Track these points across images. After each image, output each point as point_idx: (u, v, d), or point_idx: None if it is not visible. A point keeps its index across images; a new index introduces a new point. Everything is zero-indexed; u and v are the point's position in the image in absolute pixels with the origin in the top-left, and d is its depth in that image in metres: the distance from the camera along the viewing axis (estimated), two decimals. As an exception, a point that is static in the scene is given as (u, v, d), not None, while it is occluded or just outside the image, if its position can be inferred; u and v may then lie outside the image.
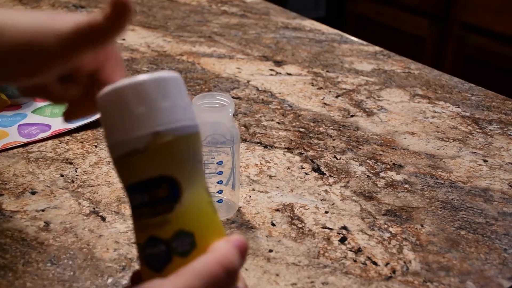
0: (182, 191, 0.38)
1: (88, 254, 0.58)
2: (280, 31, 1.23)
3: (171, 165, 0.37)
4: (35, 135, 0.79)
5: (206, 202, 0.39)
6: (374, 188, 0.70)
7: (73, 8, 1.31)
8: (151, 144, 0.37)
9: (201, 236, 0.38)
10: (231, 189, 0.63)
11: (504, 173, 0.74)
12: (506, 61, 1.97)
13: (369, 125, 0.85)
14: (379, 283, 0.55)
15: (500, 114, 0.90)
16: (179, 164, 0.38)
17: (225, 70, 1.03)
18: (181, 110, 0.38)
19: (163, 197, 0.37)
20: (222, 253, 0.36)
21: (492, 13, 1.99)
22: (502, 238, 0.62)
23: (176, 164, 0.38)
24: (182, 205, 0.37)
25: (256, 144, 0.79)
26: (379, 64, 1.08)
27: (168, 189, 0.37)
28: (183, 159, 0.38)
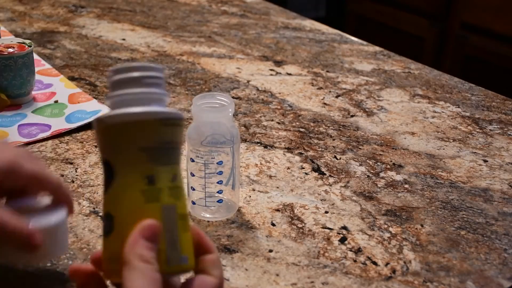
0: (115, 175, 0.40)
1: (88, 254, 0.58)
2: (280, 31, 1.23)
3: (108, 149, 0.41)
4: (35, 135, 0.79)
5: (139, 190, 0.40)
6: (374, 188, 0.70)
7: (73, 8, 1.31)
8: (96, 129, 0.41)
9: (121, 221, 0.40)
10: (231, 189, 0.63)
11: (504, 173, 0.74)
12: (506, 61, 1.97)
13: (369, 125, 0.85)
14: (379, 283, 0.55)
15: (500, 114, 0.90)
16: (114, 150, 0.41)
17: (225, 70, 1.03)
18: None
19: (105, 178, 0.41)
20: (129, 242, 0.39)
21: (492, 13, 1.99)
22: (502, 238, 0.62)
23: (112, 150, 0.41)
24: (112, 188, 0.41)
25: (256, 144, 0.79)
26: (379, 64, 1.08)
27: (107, 172, 0.41)
28: (118, 145, 0.40)
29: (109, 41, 1.13)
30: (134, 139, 0.40)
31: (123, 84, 0.41)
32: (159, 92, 0.42)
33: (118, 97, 0.41)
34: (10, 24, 1.19)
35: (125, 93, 0.41)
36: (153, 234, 0.39)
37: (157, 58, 1.06)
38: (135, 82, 0.41)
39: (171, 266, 0.40)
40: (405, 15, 2.31)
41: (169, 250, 0.40)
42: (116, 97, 0.41)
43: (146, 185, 0.40)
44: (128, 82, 0.41)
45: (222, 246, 0.59)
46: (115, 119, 0.40)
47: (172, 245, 0.40)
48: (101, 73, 0.99)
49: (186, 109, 0.88)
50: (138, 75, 0.42)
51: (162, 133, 0.41)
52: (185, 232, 0.42)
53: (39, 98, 0.89)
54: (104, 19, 1.25)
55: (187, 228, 0.42)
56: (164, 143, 0.41)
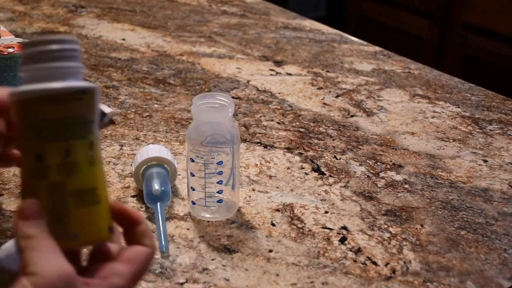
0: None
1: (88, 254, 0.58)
2: (280, 31, 1.23)
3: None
4: (35, 135, 0.79)
5: (28, 168, 0.41)
6: (374, 188, 0.70)
7: (73, 8, 1.31)
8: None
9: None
10: (231, 189, 0.63)
11: (504, 173, 0.74)
12: (506, 61, 1.97)
13: (369, 125, 0.85)
14: (379, 283, 0.55)
15: (500, 114, 0.90)
16: (17, 128, 0.42)
17: (225, 70, 1.03)
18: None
19: None
20: (13, 227, 0.40)
21: (492, 13, 1.99)
22: (502, 238, 0.62)
23: (16, 128, 0.42)
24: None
25: (256, 144, 0.79)
26: (379, 64, 1.08)
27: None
28: (17, 123, 0.41)
29: (109, 41, 1.13)
30: (24, 117, 0.41)
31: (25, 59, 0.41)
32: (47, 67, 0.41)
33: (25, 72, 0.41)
34: (10, 24, 1.19)
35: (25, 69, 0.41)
36: (32, 213, 0.40)
37: (157, 58, 1.06)
38: (33, 57, 0.41)
39: (58, 242, 0.40)
40: (405, 15, 2.31)
41: (53, 226, 0.40)
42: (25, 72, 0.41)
43: (35, 163, 0.40)
44: (27, 57, 0.41)
45: (222, 246, 0.59)
46: (12, 97, 0.41)
47: (58, 222, 0.40)
48: (101, 73, 0.99)
49: (186, 109, 0.88)
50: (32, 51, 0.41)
51: (47, 110, 0.40)
52: (81, 207, 0.41)
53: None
54: (104, 19, 1.25)
55: (87, 203, 0.41)
56: (51, 120, 0.40)
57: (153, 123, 0.84)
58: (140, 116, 0.86)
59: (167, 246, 0.58)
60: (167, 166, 0.67)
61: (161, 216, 0.61)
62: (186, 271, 0.56)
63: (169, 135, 0.81)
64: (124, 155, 0.76)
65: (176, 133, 0.82)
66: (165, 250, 0.58)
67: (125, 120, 0.85)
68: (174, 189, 0.68)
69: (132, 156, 0.75)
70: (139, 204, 0.66)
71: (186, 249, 0.59)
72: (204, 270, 0.56)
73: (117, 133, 0.81)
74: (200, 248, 0.59)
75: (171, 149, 0.77)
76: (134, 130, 0.82)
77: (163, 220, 0.60)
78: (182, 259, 0.57)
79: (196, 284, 0.54)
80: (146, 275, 0.55)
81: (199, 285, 0.54)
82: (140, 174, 0.66)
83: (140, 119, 0.85)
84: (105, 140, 0.79)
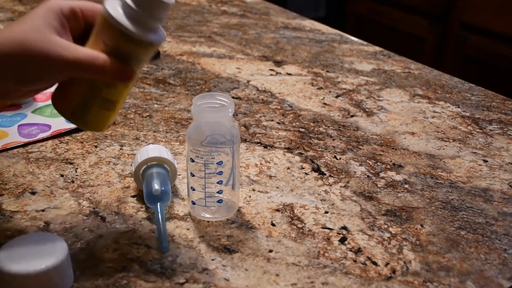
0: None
1: (88, 255, 0.58)
2: (280, 31, 1.23)
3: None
4: (35, 135, 0.79)
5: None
6: (374, 188, 0.70)
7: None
8: None
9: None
10: (231, 189, 0.63)
11: (504, 173, 0.74)
12: (506, 61, 1.97)
13: (369, 125, 0.85)
14: (379, 283, 0.55)
15: (500, 114, 0.90)
16: None
17: (225, 70, 1.03)
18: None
19: None
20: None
21: (492, 13, 1.99)
22: (502, 238, 0.62)
23: None
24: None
25: (256, 144, 0.80)
26: (379, 64, 1.08)
27: None
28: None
29: (109, 41, 1.13)
30: (104, 32, 0.53)
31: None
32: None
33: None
34: (10, 24, 1.19)
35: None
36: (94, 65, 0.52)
37: (157, 58, 1.06)
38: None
39: (73, 119, 0.55)
40: (405, 15, 2.31)
41: (78, 109, 0.54)
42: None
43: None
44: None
45: (222, 246, 0.59)
46: (105, 17, 0.52)
47: (83, 109, 0.54)
48: (101, 73, 0.99)
49: (186, 109, 0.88)
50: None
51: (121, 40, 0.52)
52: (102, 109, 0.55)
53: (39, 98, 0.89)
54: (104, 19, 1.25)
55: (106, 108, 0.55)
56: (118, 47, 0.53)
57: (153, 123, 0.84)
58: (140, 116, 0.86)
59: (167, 246, 0.58)
60: (167, 166, 0.67)
61: (161, 216, 0.61)
62: (186, 271, 0.56)
63: (169, 135, 0.81)
64: (124, 155, 0.76)
65: (176, 133, 0.82)
66: (165, 250, 0.58)
67: (125, 120, 0.85)
68: (174, 189, 0.68)
69: (132, 156, 0.75)
70: (139, 204, 0.66)
71: (186, 249, 0.59)
72: (204, 270, 0.56)
73: (117, 133, 0.81)
74: (200, 248, 0.59)
75: (171, 149, 0.77)
76: (134, 130, 0.82)
77: (163, 220, 0.60)
78: (182, 259, 0.57)
79: (196, 284, 0.54)
80: (146, 275, 0.55)
81: (199, 285, 0.54)
82: (140, 174, 0.66)
83: (140, 119, 0.85)
84: (105, 140, 0.79)
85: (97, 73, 0.52)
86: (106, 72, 0.52)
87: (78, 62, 0.51)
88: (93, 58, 0.51)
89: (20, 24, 0.51)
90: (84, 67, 0.51)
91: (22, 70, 0.51)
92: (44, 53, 0.50)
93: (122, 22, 0.51)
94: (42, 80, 0.52)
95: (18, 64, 0.50)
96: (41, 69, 0.51)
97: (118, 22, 0.51)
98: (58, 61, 0.50)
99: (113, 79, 0.53)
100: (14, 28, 0.51)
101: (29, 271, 0.49)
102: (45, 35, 0.50)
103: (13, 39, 0.50)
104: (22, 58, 0.50)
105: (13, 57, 0.50)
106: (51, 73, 0.52)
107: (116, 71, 0.52)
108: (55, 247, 0.52)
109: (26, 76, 0.51)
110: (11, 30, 0.51)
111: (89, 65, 0.51)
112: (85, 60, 0.51)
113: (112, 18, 0.51)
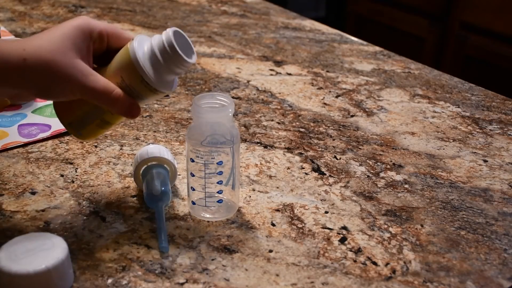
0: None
1: (88, 255, 0.58)
2: (280, 31, 1.23)
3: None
4: (35, 135, 0.79)
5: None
6: (374, 188, 0.70)
7: (73, 8, 1.31)
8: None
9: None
10: (231, 189, 0.63)
11: (504, 173, 0.74)
12: (506, 61, 1.97)
13: (369, 125, 0.85)
14: (379, 283, 0.55)
15: (500, 114, 0.90)
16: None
17: (225, 70, 1.03)
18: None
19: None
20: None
21: (492, 13, 1.99)
22: (502, 238, 0.62)
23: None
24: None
25: (256, 144, 0.80)
26: (379, 64, 1.08)
27: None
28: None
29: (109, 41, 1.13)
30: (122, 68, 0.56)
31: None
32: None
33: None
34: (10, 24, 1.19)
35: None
36: (105, 95, 0.56)
37: (157, 58, 1.06)
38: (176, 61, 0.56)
39: (69, 127, 0.60)
40: (405, 15, 2.31)
41: (76, 121, 0.60)
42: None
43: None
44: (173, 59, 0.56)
45: (222, 246, 0.59)
46: (131, 57, 0.56)
47: (81, 122, 0.60)
48: (101, 73, 0.99)
49: (186, 109, 0.88)
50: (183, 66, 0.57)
51: (136, 79, 0.56)
52: (97, 127, 0.60)
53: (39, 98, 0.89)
54: (104, 19, 1.25)
55: (102, 127, 0.61)
56: (132, 86, 0.57)
57: (153, 123, 0.84)
58: (140, 116, 0.86)
59: (167, 246, 0.58)
60: (167, 166, 0.67)
61: (161, 216, 0.61)
62: (186, 271, 0.56)
63: (169, 135, 0.81)
64: (124, 155, 0.76)
65: (176, 133, 0.82)
66: (165, 250, 0.58)
67: (125, 120, 0.85)
68: (174, 189, 0.68)
69: (132, 156, 0.75)
70: (139, 204, 0.66)
71: (186, 249, 0.59)
72: (204, 270, 0.56)
73: (117, 133, 0.81)
74: (200, 248, 0.59)
75: (171, 149, 0.77)
76: (134, 130, 0.82)
77: (163, 220, 0.60)
78: (182, 259, 0.57)
79: (196, 284, 0.54)
80: (146, 275, 0.55)
81: (199, 285, 0.54)
82: (140, 174, 0.66)
83: (140, 119, 0.85)
84: (105, 140, 0.79)
85: (108, 105, 0.56)
86: (117, 106, 0.56)
87: (95, 92, 0.55)
88: (109, 91, 0.55)
89: (50, 42, 0.54)
90: (99, 96, 0.55)
91: (43, 85, 0.54)
92: (67, 77, 0.54)
93: (146, 71, 0.55)
94: (58, 97, 0.57)
95: (41, 80, 0.54)
96: (60, 88, 0.55)
97: (142, 70, 0.55)
98: (77, 86, 0.54)
99: (121, 113, 0.57)
100: (44, 44, 0.54)
101: (29, 271, 0.49)
102: (70, 60, 0.54)
103: (40, 56, 0.53)
104: (46, 76, 0.54)
105: (38, 73, 0.53)
106: (68, 94, 0.55)
107: (126, 107, 0.57)
108: (55, 247, 0.52)
109: (45, 90, 0.55)
110: (39, 45, 0.54)
111: (104, 96, 0.55)
112: (102, 91, 0.55)
113: (137, 63, 0.55)
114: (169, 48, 0.55)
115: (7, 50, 0.53)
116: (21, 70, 0.53)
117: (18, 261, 0.50)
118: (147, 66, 0.55)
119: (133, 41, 0.56)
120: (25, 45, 0.53)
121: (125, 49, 0.56)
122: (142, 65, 0.55)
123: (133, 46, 0.56)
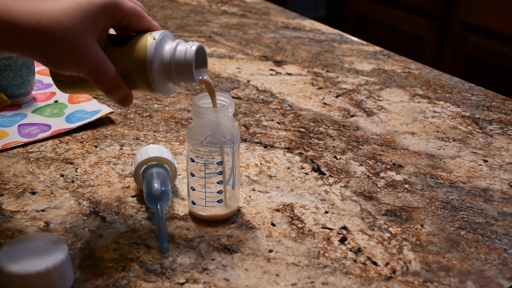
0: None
1: (88, 255, 0.58)
2: (280, 31, 1.23)
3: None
4: (35, 135, 0.79)
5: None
6: (374, 188, 0.70)
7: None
8: None
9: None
10: (231, 189, 0.63)
11: (504, 173, 0.74)
12: (506, 61, 1.97)
13: (369, 125, 0.85)
14: (379, 283, 0.55)
15: (500, 114, 0.90)
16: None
17: (225, 70, 1.03)
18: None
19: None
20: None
21: (492, 13, 1.99)
22: (502, 238, 0.62)
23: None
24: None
25: (256, 144, 0.80)
26: (379, 64, 1.08)
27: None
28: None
29: (109, 41, 1.13)
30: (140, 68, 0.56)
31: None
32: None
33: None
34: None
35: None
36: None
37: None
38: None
39: (57, 83, 0.59)
40: (405, 15, 2.31)
41: (69, 82, 0.58)
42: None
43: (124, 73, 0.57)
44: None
45: (222, 246, 0.59)
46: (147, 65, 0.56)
47: (72, 83, 0.58)
48: (101, 73, 0.99)
49: (186, 109, 0.88)
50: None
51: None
52: (82, 91, 0.60)
53: (39, 98, 0.89)
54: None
55: (87, 92, 0.61)
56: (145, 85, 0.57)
57: (153, 123, 0.84)
58: (140, 116, 0.86)
59: (167, 246, 0.58)
60: (167, 166, 0.67)
61: (161, 216, 0.61)
62: (186, 271, 0.56)
63: (169, 135, 0.81)
64: (124, 155, 0.76)
65: (176, 133, 0.82)
66: (165, 250, 0.58)
67: (125, 120, 0.85)
68: (174, 189, 0.68)
69: (132, 156, 0.75)
70: (139, 204, 0.66)
71: (186, 249, 0.59)
72: (204, 270, 0.56)
73: (117, 133, 0.81)
74: (200, 248, 0.59)
75: (171, 149, 0.77)
76: (134, 130, 0.82)
77: (163, 220, 0.60)
78: (182, 259, 0.57)
79: (196, 284, 0.54)
80: (146, 275, 0.55)
81: (199, 285, 0.54)
82: (140, 174, 0.66)
83: (140, 119, 0.85)
84: (105, 140, 0.79)
85: (108, 95, 0.56)
86: (114, 97, 0.57)
87: (103, 82, 0.55)
88: (116, 87, 0.56)
89: (69, 17, 0.51)
90: (103, 88, 0.55)
91: (52, 59, 0.53)
92: (80, 59, 0.53)
93: (155, 79, 0.55)
94: (64, 72, 0.55)
95: (51, 55, 0.52)
96: (69, 67, 0.53)
97: (152, 76, 0.55)
98: (88, 71, 0.54)
99: (115, 102, 0.57)
100: (61, 19, 0.51)
101: (29, 271, 0.49)
102: (87, 42, 0.52)
103: (55, 33, 0.51)
104: (57, 54, 0.52)
105: (49, 49, 0.52)
106: (75, 73, 0.54)
107: (123, 97, 0.57)
108: (55, 247, 0.52)
109: (51, 64, 0.53)
110: (56, 20, 0.51)
111: (108, 89, 0.56)
112: (109, 85, 0.55)
113: (150, 69, 0.55)
114: (186, 67, 0.55)
115: (23, 13, 0.50)
116: (33, 41, 0.51)
117: (18, 261, 0.50)
118: (158, 75, 0.55)
119: (155, 39, 0.55)
120: (41, 17, 0.50)
121: (143, 44, 0.55)
122: (154, 72, 0.55)
123: (152, 47, 0.55)
